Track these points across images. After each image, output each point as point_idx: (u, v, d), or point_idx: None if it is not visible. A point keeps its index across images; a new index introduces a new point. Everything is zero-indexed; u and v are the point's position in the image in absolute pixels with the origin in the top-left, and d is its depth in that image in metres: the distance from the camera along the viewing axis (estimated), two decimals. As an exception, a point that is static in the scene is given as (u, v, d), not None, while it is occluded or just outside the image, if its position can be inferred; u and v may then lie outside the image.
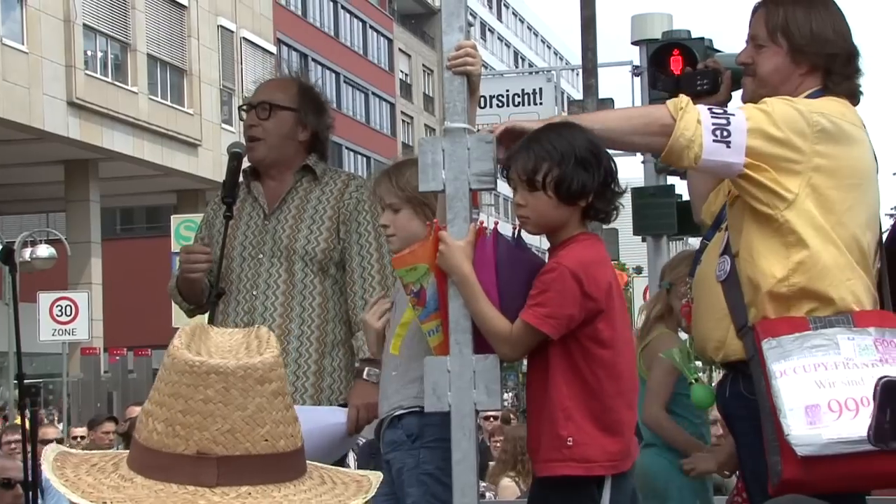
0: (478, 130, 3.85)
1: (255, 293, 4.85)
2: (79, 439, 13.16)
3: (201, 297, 5.00)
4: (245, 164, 5.00)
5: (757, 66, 4.01)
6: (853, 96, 3.97)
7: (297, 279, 4.84)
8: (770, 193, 3.74)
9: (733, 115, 3.78)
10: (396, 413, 4.13)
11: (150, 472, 1.89)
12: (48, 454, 1.98)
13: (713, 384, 4.44)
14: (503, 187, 4.05)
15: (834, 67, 3.92)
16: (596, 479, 3.72)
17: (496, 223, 3.83)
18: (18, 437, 8.66)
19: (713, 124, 3.70)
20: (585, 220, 3.79)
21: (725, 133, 3.69)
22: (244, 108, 5.02)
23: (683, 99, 3.79)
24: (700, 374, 4.49)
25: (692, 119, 3.70)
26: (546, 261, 3.82)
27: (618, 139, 3.83)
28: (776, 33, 3.96)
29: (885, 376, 3.58)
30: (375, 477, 2.05)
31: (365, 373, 4.63)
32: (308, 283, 4.84)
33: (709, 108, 3.78)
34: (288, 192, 4.93)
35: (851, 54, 3.97)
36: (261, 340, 1.98)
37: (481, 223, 3.75)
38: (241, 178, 4.96)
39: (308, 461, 2.03)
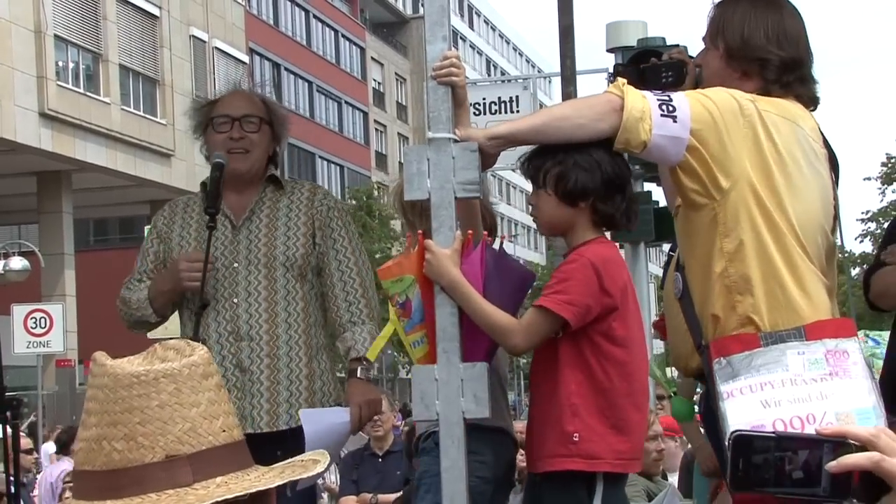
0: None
1: (235, 301, 4.87)
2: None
3: (168, 313, 5.06)
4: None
5: (703, 68, 3.99)
6: (807, 103, 3.86)
7: (279, 285, 4.88)
8: (707, 180, 3.65)
9: (672, 93, 3.74)
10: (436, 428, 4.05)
11: (119, 492, 1.90)
12: None
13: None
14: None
15: (766, 74, 3.82)
16: (592, 477, 3.74)
17: (486, 234, 3.85)
18: None
19: (658, 100, 3.66)
20: (598, 226, 3.84)
21: (671, 108, 3.64)
22: (221, 118, 5.00)
23: (621, 80, 3.76)
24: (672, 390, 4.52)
25: (637, 95, 3.67)
26: (533, 272, 3.85)
27: (568, 127, 3.71)
28: (715, 36, 3.90)
29: (737, 431, 3.52)
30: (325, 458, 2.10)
31: (358, 371, 4.78)
32: (290, 288, 4.89)
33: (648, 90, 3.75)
34: (255, 203, 4.98)
35: (790, 61, 3.82)
36: (175, 348, 2.00)
37: (469, 234, 3.76)
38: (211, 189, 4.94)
39: None
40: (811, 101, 3.88)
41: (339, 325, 4.89)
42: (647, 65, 4.25)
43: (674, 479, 8.42)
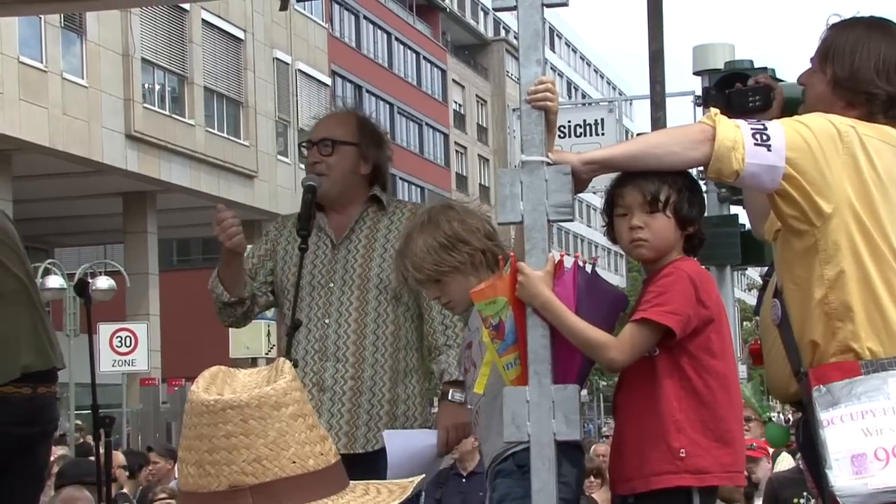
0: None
1: (327, 321, 4.90)
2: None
3: (242, 291, 5.01)
4: None
5: (807, 88, 3.93)
6: None
7: (370, 307, 4.89)
8: (807, 207, 3.62)
9: (767, 122, 3.71)
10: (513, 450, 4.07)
11: None
12: None
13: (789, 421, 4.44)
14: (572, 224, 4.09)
15: (872, 108, 3.76)
16: (689, 493, 3.73)
17: (577, 255, 3.87)
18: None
19: (752, 129, 3.63)
20: (686, 252, 3.88)
21: (765, 137, 3.61)
22: (305, 145, 5.08)
23: (714, 110, 3.73)
24: (772, 414, 4.49)
25: (730, 124, 3.65)
26: (626, 295, 3.86)
27: (662, 155, 3.71)
28: (824, 60, 3.84)
29: None
30: (419, 478, 2.11)
31: (450, 394, 4.75)
32: (381, 311, 4.89)
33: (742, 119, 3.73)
34: (356, 223, 5.00)
35: None
36: (277, 370, 2.02)
37: (562, 255, 3.78)
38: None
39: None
40: None
41: (434, 348, 4.87)
42: (734, 90, 4.24)
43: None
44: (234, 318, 5.12)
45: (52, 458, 7.48)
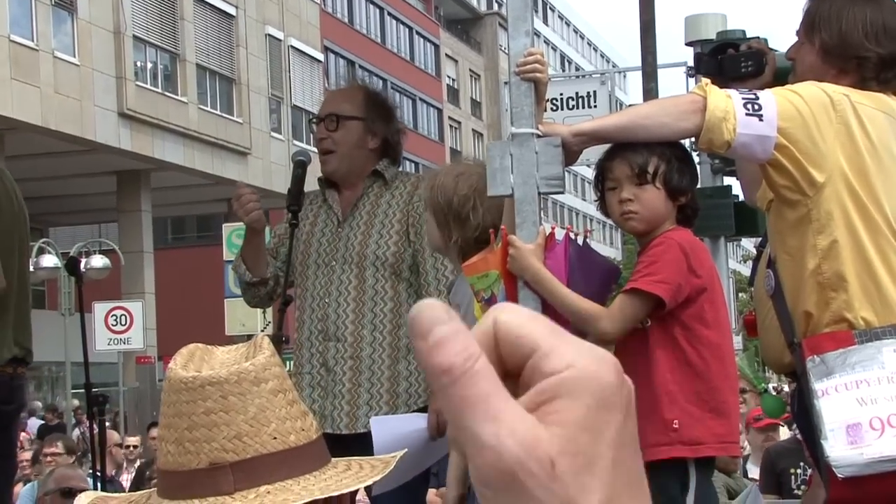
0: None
1: (327, 300, 4.88)
2: (132, 448, 13.22)
3: (265, 271, 5.01)
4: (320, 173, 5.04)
5: (796, 62, 3.90)
6: None
7: (367, 285, 4.86)
8: (799, 177, 3.60)
9: (759, 91, 3.69)
10: None
11: (172, 493, 1.93)
12: (82, 500, 2.03)
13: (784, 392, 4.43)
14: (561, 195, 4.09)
15: (864, 72, 3.73)
16: (684, 465, 3.72)
17: (568, 227, 3.86)
18: (59, 450, 8.68)
19: (743, 99, 3.61)
20: (679, 223, 3.86)
21: (756, 107, 3.59)
22: (314, 121, 5.06)
23: (705, 80, 3.73)
24: (767, 385, 4.48)
25: (721, 95, 3.62)
26: (618, 267, 3.85)
27: (652, 126, 3.69)
28: (811, 30, 3.82)
29: None
30: (401, 452, 2.09)
31: None
32: (379, 288, 4.86)
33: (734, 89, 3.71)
34: (359, 199, 4.96)
35: (889, 58, 3.73)
36: (256, 346, 2.00)
37: (552, 227, 3.77)
38: (317, 187, 4.99)
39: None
40: None
41: None
42: (726, 55, 4.21)
43: (755, 472, 8.37)
44: (258, 299, 5.13)
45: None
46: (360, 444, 4.62)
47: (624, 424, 0.69)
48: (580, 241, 3.84)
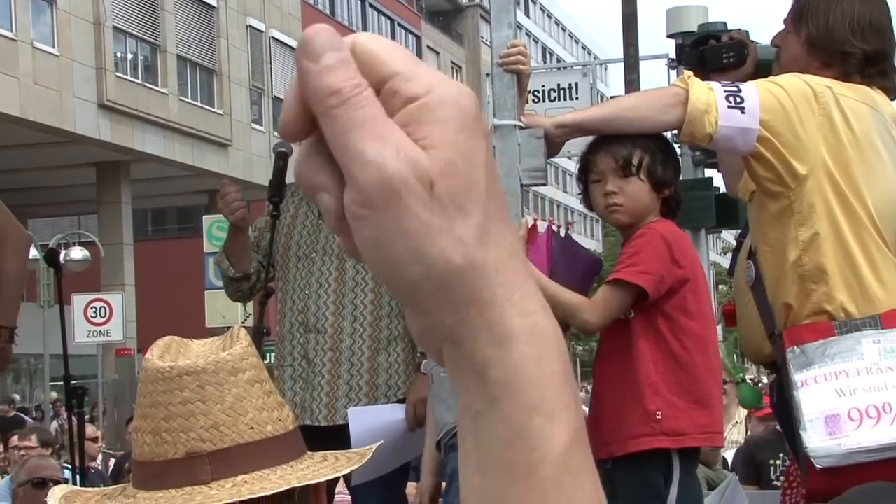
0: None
1: (307, 292, 4.87)
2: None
3: (248, 266, 5.01)
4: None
5: (781, 51, 3.90)
6: (889, 94, 3.77)
7: (348, 277, 4.86)
8: (782, 169, 3.60)
9: (741, 84, 3.69)
10: None
11: (148, 484, 1.92)
12: (56, 494, 2.01)
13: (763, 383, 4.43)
14: (544, 188, 4.08)
15: (848, 67, 3.73)
16: (668, 456, 3.72)
17: (551, 220, 3.85)
18: (32, 444, 8.61)
19: (725, 91, 3.61)
20: (663, 215, 3.85)
21: (738, 99, 3.59)
22: None
23: (688, 73, 3.74)
24: (745, 376, 4.48)
25: (703, 87, 3.63)
26: (601, 259, 3.84)
27: (635, 118, 3.70)
28: (798, 21, 3.81)
29: None
30: (377, 445, 2.09)
31: (423, 365, 4.71)
32: (360, 280, 4.85)
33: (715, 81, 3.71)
34: None
35: (874, 54, 3.73)
36: (232, 337, 2.00)
37: (535, 219, 3.76)
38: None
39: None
40: (893, 92, 3.80)
41: None
42: (707, 47, 4.21)
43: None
44: (241, 294, 5.15)
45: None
46: (340, 437, 4.61)
47: (489, 151, 0.72)
48: (562, 233, 3.83)
